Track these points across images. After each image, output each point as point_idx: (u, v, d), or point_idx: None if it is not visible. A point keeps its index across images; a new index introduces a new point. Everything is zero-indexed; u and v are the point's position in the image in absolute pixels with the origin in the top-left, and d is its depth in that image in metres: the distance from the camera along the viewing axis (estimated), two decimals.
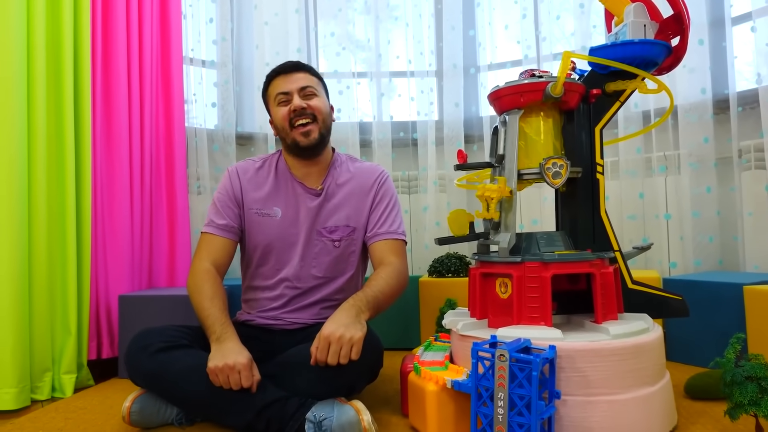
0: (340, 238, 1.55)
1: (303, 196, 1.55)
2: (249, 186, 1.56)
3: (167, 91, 2.22)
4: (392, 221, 1.57)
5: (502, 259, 1.26)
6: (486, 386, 1.09)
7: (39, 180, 1.67)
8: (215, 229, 1.52)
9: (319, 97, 1.54)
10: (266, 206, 1.55)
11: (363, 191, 1.58)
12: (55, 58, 1.75)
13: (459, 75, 2.51)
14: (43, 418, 1.47)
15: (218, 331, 1.31)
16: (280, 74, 1.54)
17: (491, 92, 1.38)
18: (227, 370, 1.21)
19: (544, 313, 1.20)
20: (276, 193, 1.56)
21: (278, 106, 1.53)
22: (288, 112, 1.50)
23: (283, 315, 1.53)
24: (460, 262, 2.13)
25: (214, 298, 1.39)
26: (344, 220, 1.55)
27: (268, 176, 1.57)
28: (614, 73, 1.37)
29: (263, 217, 1.54)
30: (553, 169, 1.29)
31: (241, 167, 1.59)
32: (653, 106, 2.17)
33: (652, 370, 1.19)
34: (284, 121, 1.51)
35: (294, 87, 1.51)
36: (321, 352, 1.22)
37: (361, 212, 1.57)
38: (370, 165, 1.65)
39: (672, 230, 2.12)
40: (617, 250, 1.37)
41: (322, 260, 1.54)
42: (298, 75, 1.53)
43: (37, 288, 1.65)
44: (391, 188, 1.61)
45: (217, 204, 1.55)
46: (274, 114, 1.55)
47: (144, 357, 1.29)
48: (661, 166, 2.15)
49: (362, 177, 1.60)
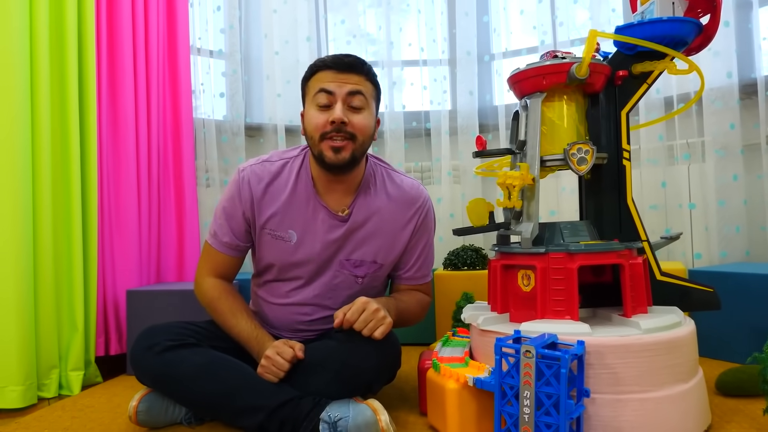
0: (364, 274, 1.37)
1: (325, 221, 1.33)
2: (263, 200, 1.33)
3: (174, 82, 2.18)
4: (428, 264, 1.45)
5: (524, 250, 1.20)
6: (510, 384, 1.03)
7: (43, 173, 1.62)
8: (220, 245, 1.37)
9: (367, 111, 1.28)
10: (280, 227, 1.33)
11: (398, 225, 1.37)
12: (58, 49, 1.70)
13: (473, 63, 2.44)
14: (49, 417, 1.43)
15: (255, 347, 1.28)
16: (330, 68, 1.26)
17: (511, 75, 1.32)
18: (270, 360, 1.20)
19: (570, 306, 1.14)
20: (293, 213, 1.33)
21: (316, 106, 1.26)
22: (325, 122, 1.24)
23: (290, 336, 1.40)
24: (476, 255, 2.07)
25: (236, 313, 1.33)
26: (372, 255, 1.36)
27: (285, 187, 1.33)
28: (641, 54, 1.30)
29: (276, 240, 1.34)
30: (579, 155, 1.22)
31: (255, 173, 1.33)
32: (676, 91, 2.09)
33: (685, 366, 1.12)
34: (317, 130, 1.26)
35: (342, 91, 1.25)
36: (353, 313, 1.18)
37: (392, 249, 1.38)
38: (411, 186, 1.40)
39: (696, 220, 2.05)
40: (645, 240, 1.30)
41: (340, 293, 1.37)
42: (352, 77, 1.26)
43: (43, 284, 1.61)
44: (431, 222, 1.43)
45: (224, 216, 1.35)
46: (308, 114, 1.29)
47: (150, 357, 1.24)
48: (685, 154, 2.07)
49: (399, 205, 1.37)
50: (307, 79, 1.32)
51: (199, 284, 1.40)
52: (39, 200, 1.61)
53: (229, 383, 1.20)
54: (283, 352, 1.22)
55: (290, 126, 2.44)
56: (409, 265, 1.43)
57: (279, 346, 1.23)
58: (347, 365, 1.20)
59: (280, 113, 2.42)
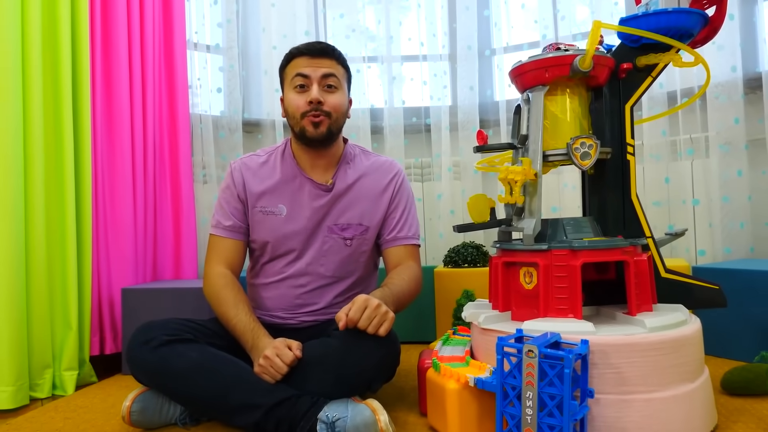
0: (352, 236, 1.46)
1: (312, 192, 1.44)
2: (253, 182, 1.46)
3: (170, 77, 2.14)
4: (410, 225, 1.50)
5: (526, 247, 1.17)
6: (513, 384, 1.01)
7: (36, 169, 1.59)
8: (223, 231, 1.45)
9: (341, 91, 1.42)
10: (271, 203, 1.45)
11: (377, 190, 1.48)
12: (51, 43, 1.67)
13: (473, 57, 2.40)
14: (42, 418, 1.40)
15: (250, 340, 1.28)
16: (305, 54, 1.40)
17: (513, 68, 1.29)
18: (268, 361, 1.19)
19: (573, 304, 1.11)
20: (281, 189, 1.45)
21: (294, 89, 1.40)
22: (304, 103, 1.38)
23: (288, 315, 1.45)
24: (477, 252, 2.04)
25: (237, 304, 1.35)
26: (357, 218, 1.46)
27: (273, 171, 1.47)
28: (646, 46, 1.27)
29: (267, 215, 1.44)
30: (582, 149, 1.19)
31: (244, 162, 1.49)
32: (680, 86, 2.06)
33: (692, 366, 1.09)
34: (297, 110, 1.39)
35: (317, 74, 1.38)
36: (356, 312, 1.17)
37: (376, 212, 1.47)
38: (385, 160, 1.54)
39: (700, 216, 2.02)
40: (650, 237, 1.27)
41: (332, 258, 1.45)
42: (325, 61, 1.40)
43: (35, 282, 1.58)
44: (408, 188, 1.53)
45: (223, 203, 1.47)
46: (287, 97, 1.43)
47: (146, 352, 1.22)
48: (689, 149, 2.04)
49: (377, 174, 1.50)
50: (284, 66, 1.45)
51: (207, 275, 1.43)
52: (31, 196, 1.58)
53: (225, 380, 1.18)
54: (282, 354, 1.19)
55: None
56: (393, 225, 1.49)
57: (279, 347, 1.21)
58: (346, 363, 1.18)
59: (278, 109, 2.33)
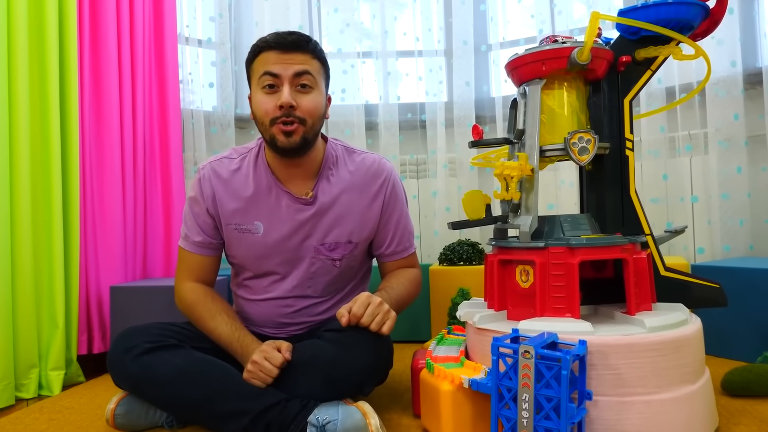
0: (341, 256, 1.34)
1: (290, 207, 1.30)
2: (224, 194, 1.30)
3: (161, 72, 2.10)
4: (407, 235, 1.42)
5: (522, 245, 1.14)
6: (508, 386, 0.97)
7: (22, 164, 1.56)
8: (192, 245, 1.34)
9: (316, 90, 1.24)
10: (245, 220, 1.30)
11: (366, 200, 1.34)
12: (38, 36, 1.63)
13: (469, 53, 2.37)
14: (26, 419, 1.36)
15: (239, 349, 1.22)
16: (274, 48, 1.21)
17: (509, 61, 1.25)
18: (257, 366, 1.14)
19: (570, 303, 1.08)
20: (256, 204, 1.30)
21: (262, 90, 1.22)
22: (274, 108, 1.20)
23: (275, 331, 1.38)
24: (472, 250, 2.01)
25: (215, 316, 1.27)
26: (346, 235, 1.33)
27: (246, 182, 1.30)
28: (645, 39, 1.24)
29: (243, 233, 1.31)
30: (580, 144, 1.16)
31: (214, 170, 1.31)
32: (678, 81, 2.03)
33: (692, 367, 1.06)
34: (266, 116, 1.22)
35: (288, 72, 1.20)
36: (359, 307, 1.13)
37: (365, 226, 1.35)
38: (372, 160, 1.37)
39: (698, 213, 1.99)
40: (649, 234, 1.24)
41: (320, 280, 1.35)
42: (297, 56, 1.21)
43: (21, 279, 1.54)
44: (400, 191, 1.40)
45: (191, 216, 1.33)
46: (254, 98, 1.25)
47: (128, 361, 1.17)
48: (687, 146, 2.02)
49: (364, 181, 1.35)
50: (250, 61, 1.27)
51: (177, 292, 1.35)
52: (17, 192, 1.55)
53: (211, 386, 1.14)
54: (271, 357, 1.15)
55: None
56: (388, 241, 1.39)
57: (267, 350, 1.16)
58: (337, 365, 1.15)
59: None
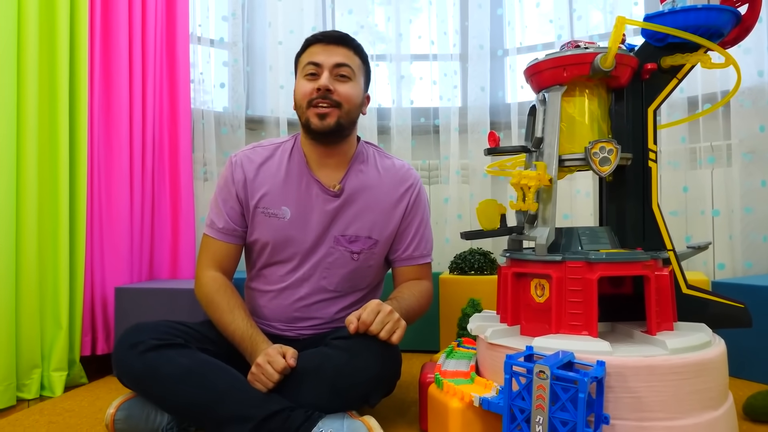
0: (360, 250, 1.35)
1: (319, 196, 1.33)
2: (255, 180, 1.34)
3: (172, 71, 2.08)
4: (425, 242, 1.42)
5: (538, 258, 1.10)
6: (521, 407, 0.93)
7: (29, 162, 1.53)
8: (216, 232, 1.36)
9: (354, 82, 1.31)
10: (274, 204, 1.33)
11: (391, 200, 1.37)
12: (48, 34, 1.61)
13: (485, 57, 2.32)
14: (25, 422, 1.34)
15: (249, 347, 1.21)
16: (319, 42, 1.31)
17: (529, 66, 1.21)
18: (260, 369, 1.12)
19: (588, 321, 1.03)
20: (286, 190, 1.34)
21: (304, 77, 1.31)
22: (312, 90, 1.28)
23: (285, 327, 1.37)
24: (484, 259, 1.96)
25: (233, 309, 1.27)
26: (367, 230, 1.35)
27: (279, 168, 1.35)
28: (671, 46, 1.19)
29: (270, 217, 1.33)
30: (601, 154, 1.11)
31: (247, 156, 1.36)
32: (701, 91, 1.97)
33: (716, 391, 1.01)
34: (304, 98, 1.29)
35: (329, 61, 1.28)
36: (369, 314, 1.13)
37: (387, 225, 1.37)
38: (401, 166, 1.42)
39: (719, 228, 1.93)
40: (671, 250, 1.19)
41: (335, 272, 1.35)
42: (339, 49, 1.31)
43: (25, 279, 1.52)
44: (424, 200, 1.43)
45: (219, 202, 1.36)
46: (296, 84, 1.34)
47: (133, 356, 1.14)
48: (710, 158, 1.95)
49: (391, 182, 1.39)
50: (299, 54, 1.37)
51: (198, 279, 1.35)
52: (23, 191, 1.52)
53: (215, 389, 1.11)
54: (274, 361, 1.12)
55: (293, 119, 2.33)
56: (406, 244, 1.40)
57: (271, 354, 1.14)
58: (344, 374, 1.12)
59: (282, 105, 2.32)
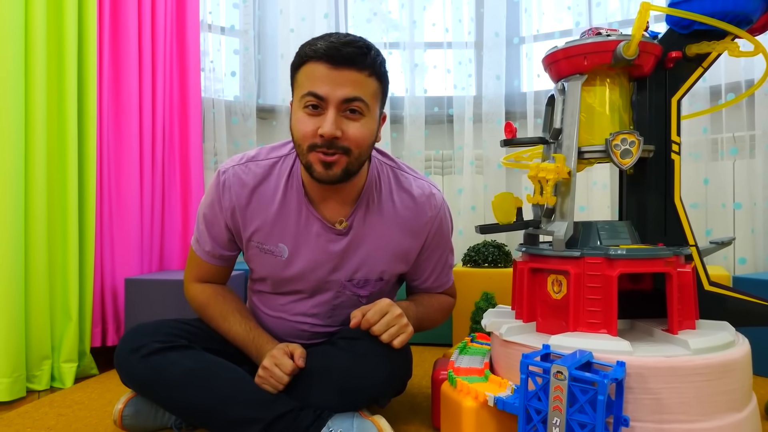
0: (369, 293, 1.22)
1: (321, 235, 1.16)
2: (247, 209, 1.16)
3: (182, 59, 2.05)
4: (446, 273, 1.32)
5: (556, 253, 1.06)
6: (537, 408, 0.90)
7: (37, 152, 1.52)
8: (203, 254, 1.23)
9: (368, 117, 1.06)
10: (269, 240, 1.17)
11: (408, 236, 1.20)
12: (56, 22, 1.59)
13: (501, 45, 2.27)
14: (35, 414, 1.33)
15: (254, 350, 1.16)
16: (324, 61, 1.02)
17: (547, 54, 1.17)
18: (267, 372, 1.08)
19: (607, 319, 1.00)
20: (284, 224, 1.16)
21: (304, 109, 1.04)
22: (313, 132, 1.03)
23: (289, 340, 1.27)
24: (498, 252, 1.92)
25: (227, 317, 1.20)
26: (377, 273, 1.21)
27: (274, 196, 1.16)
28: (697, 33, 1.14)
29: (265, 254, 1.19)
30: (623, 146, 1.07)
31: (238, 177, 1.16)
32: (724, 80, 1.91)
33: (739, 393, 0.97)
34: (304, 140, 1.05)
35: (336, 95, 1.01)
36: (374, 314, 1.07)
37: (401, 263, 1.23)
38: (421, 192, 1.20)
39: (741, 221, 1.88)
40: (693, 245, 1.15)
41: (343, 311, 1.22)
42: (350, 75, 1.02)
43: (34, 270, 1.51)
44: (446, 230, 1.26)
45: (204, 223, 1.20)
46: (294, 115, 1.07)
47: (135, 361, 1.10)
48: (732, 149, 1.90)
49: (409, 216, 1.19)
50: (296, 67, 1.08)
51: (186, 290, 1.28)
52: (32, 181, 1.51)
53: (222, 391, 1.08)
54: (281, 363, 1.08)
55: None
56: (425, 277, 1.29)
57: (277, 357, 1.10)
58: (351, 377, 1.08)
59: None
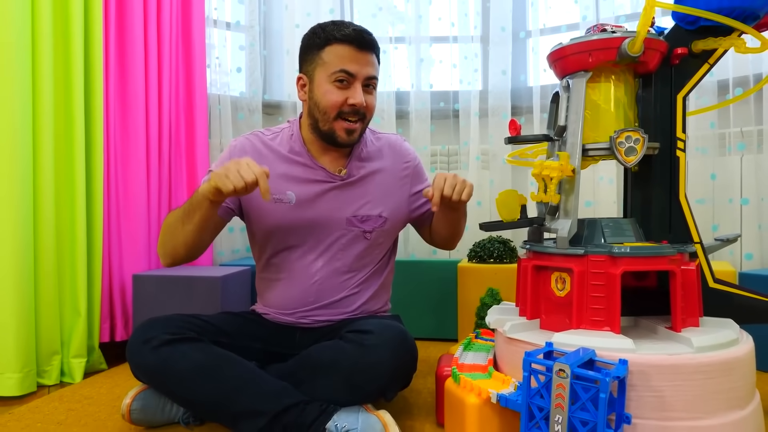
0: (372, 229, 1.35)
1: (324, 180, 1.32)
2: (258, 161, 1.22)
3: (188, 55, 2.06)
4: None
5: (560, 251, 1.06)
6: (540, 405, 0.91)
7: (45, 151, 1.54)
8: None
9: (375, 92, 1.32)
10: (278, 189, 1.29)
11: (396, 175, 1.40)
12: (63, 17, 1.61)
13: (507, 40, 2.26)
14: (45, 408, 1.35)
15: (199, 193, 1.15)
16: (353, 44, 1.24)
17: (553, 51, 1.16)
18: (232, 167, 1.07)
19: (610, 316, 1.00)
20: (290, 175, 1.31)
21: (334, 83, 1.24)
22: (344, 102, 1.24)
23: (300, 313, 1.33)
24: (503, 248, 1.92)
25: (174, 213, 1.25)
26: (377, 209, 1.35)
27: (280, 153, 1.32)
28: (703, 29, 1.13)
29: (275, 203, 1.29)
30: (627, 144, 1.07)
31: (248, 141, 1.34)
32: (732, 74, 1.89)
33: (743, 390, 0.98)
34: (333, 108, 1.25)
35: (363, 72, 1.25)
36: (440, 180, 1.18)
37: (395, 200, 1.39)
38: (394, 141, 1.44)
39: (748, 217, 1.87)
40: (698, 242, 1.15)
41: (349, 252, 1.34)
42: (371, 58, 1.27)
43: (43, 266, 1.54)
44: (422, 169, 1.47)
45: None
46: (321, 88, 1.25)
47: (146, 351, 1.14)
48: (739, 144, 1.89)
49: (392, 160, 1.40)
50: (320, 47, 1.26)
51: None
52: (39, 179, 1.53)
53: (229, 383, 1.11)
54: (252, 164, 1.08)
55: None
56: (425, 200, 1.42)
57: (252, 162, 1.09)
58: (359, 369, 1.10)
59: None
